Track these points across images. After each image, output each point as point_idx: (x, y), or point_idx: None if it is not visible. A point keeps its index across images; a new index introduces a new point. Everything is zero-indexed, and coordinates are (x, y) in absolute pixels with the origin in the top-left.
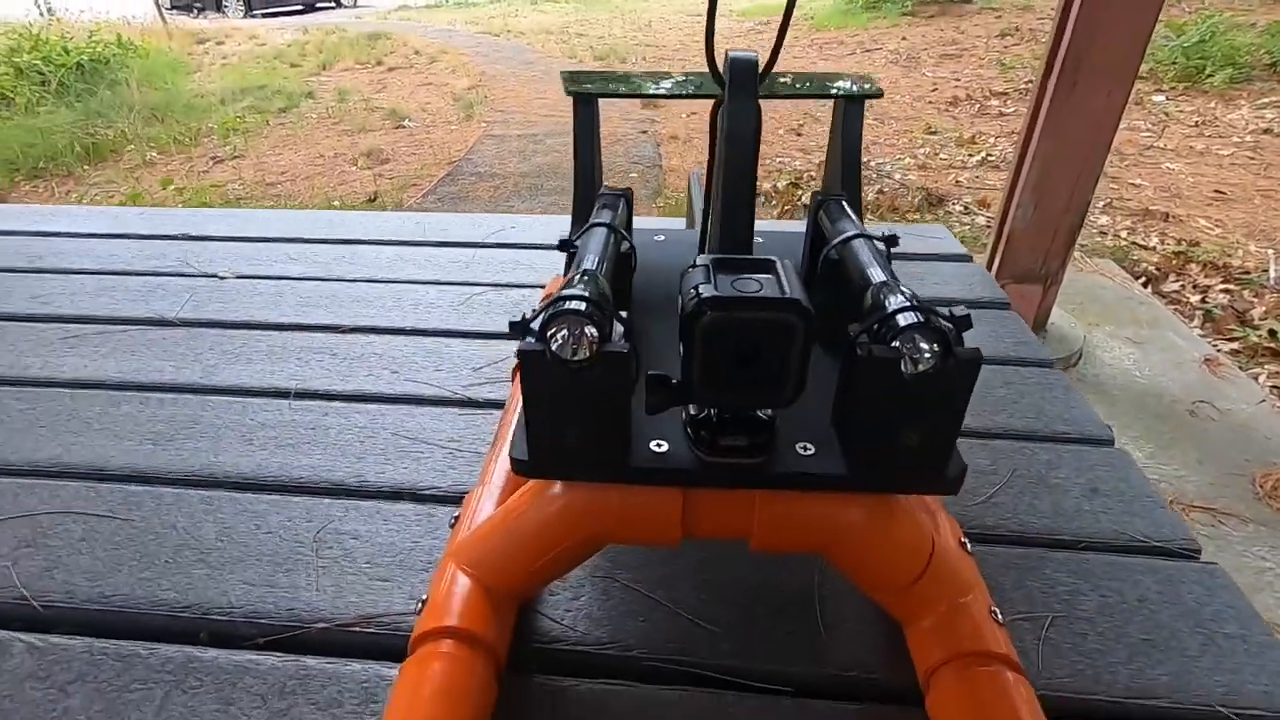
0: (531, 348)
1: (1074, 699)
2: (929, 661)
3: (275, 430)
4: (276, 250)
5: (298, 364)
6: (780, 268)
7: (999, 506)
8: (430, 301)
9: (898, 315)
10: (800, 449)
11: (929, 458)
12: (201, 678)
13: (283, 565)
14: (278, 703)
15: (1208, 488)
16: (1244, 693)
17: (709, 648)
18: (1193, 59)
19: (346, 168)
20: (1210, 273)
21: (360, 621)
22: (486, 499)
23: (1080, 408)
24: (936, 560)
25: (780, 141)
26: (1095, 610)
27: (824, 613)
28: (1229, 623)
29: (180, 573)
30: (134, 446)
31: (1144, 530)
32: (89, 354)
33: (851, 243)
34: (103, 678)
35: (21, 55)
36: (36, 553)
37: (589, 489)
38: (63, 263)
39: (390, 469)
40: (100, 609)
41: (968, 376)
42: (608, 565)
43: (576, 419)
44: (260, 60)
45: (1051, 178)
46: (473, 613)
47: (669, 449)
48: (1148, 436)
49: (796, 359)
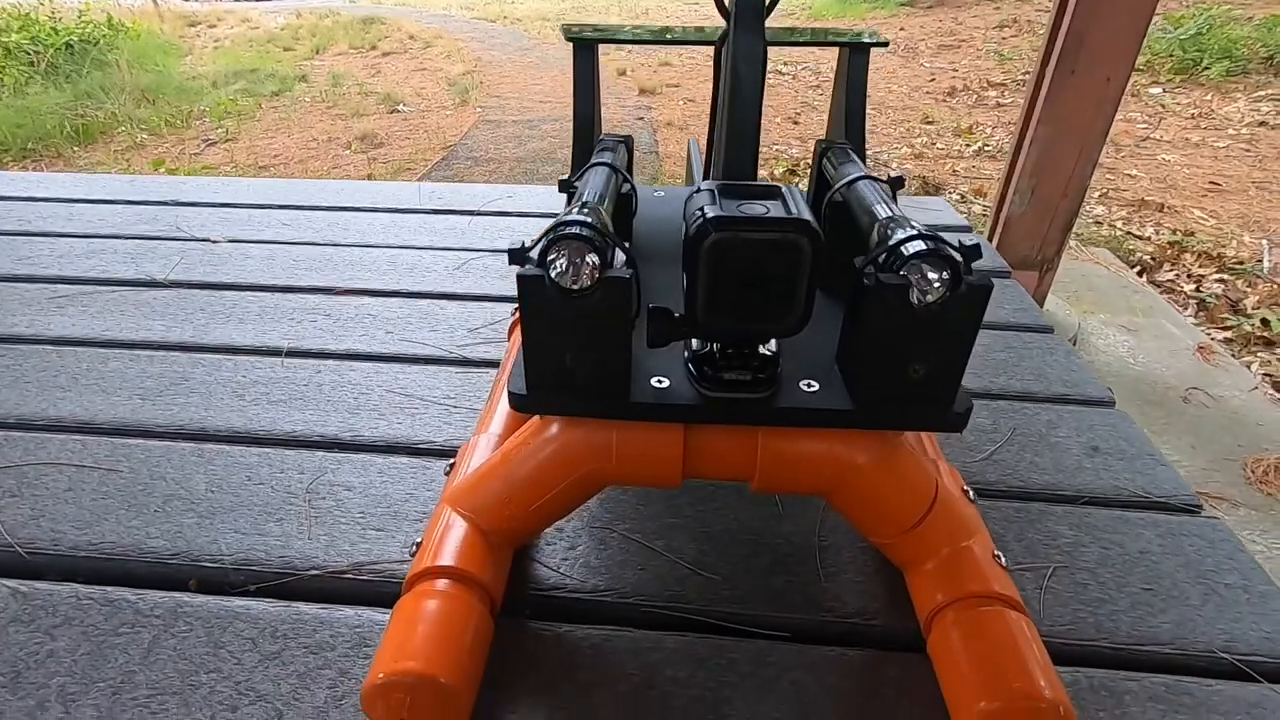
0: (531, 273)
1: (1076, 645)
2: (931, 604)
3: (267, 387)
4: (269, 216)
5: (290, 324)
6: (787, 193)
7: (1000, 463)
8: (425, 266)
9: (905, 244)
10: (804, 385)
11: (936, 392)
12: (191, 622)
13: (274, 515)
14: (269, 645)
15: (1200, 473)
16: (1245, 639)
17: (708, 595)
18: (1189, 52)
19: (340, 152)
20: (1204, 262)
21: (353, 569)
22: (483, 445)
23: (1080, 371)
24: (939, 504)
25: (778, 129)
26: (1096, 562)
27: (823, 563)
28: (1230, 574)
29: (169, 521)
30: (122, 401)
31: (1145, 486)
32: (76, 314)
33: (857, 184)
34: (89, 622)
35: (10, 35)
36: (22, 502)
37: (588, 427)
38: (50, 227)
39: (384, 424)
40: (87, 555)
41: (978, 305)
42: (606, 516)
43: (576, 350)
44: (253, 43)
45: (1049, 163)
46: (468, 554)
47: (670, 385)
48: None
49: (804, 284)
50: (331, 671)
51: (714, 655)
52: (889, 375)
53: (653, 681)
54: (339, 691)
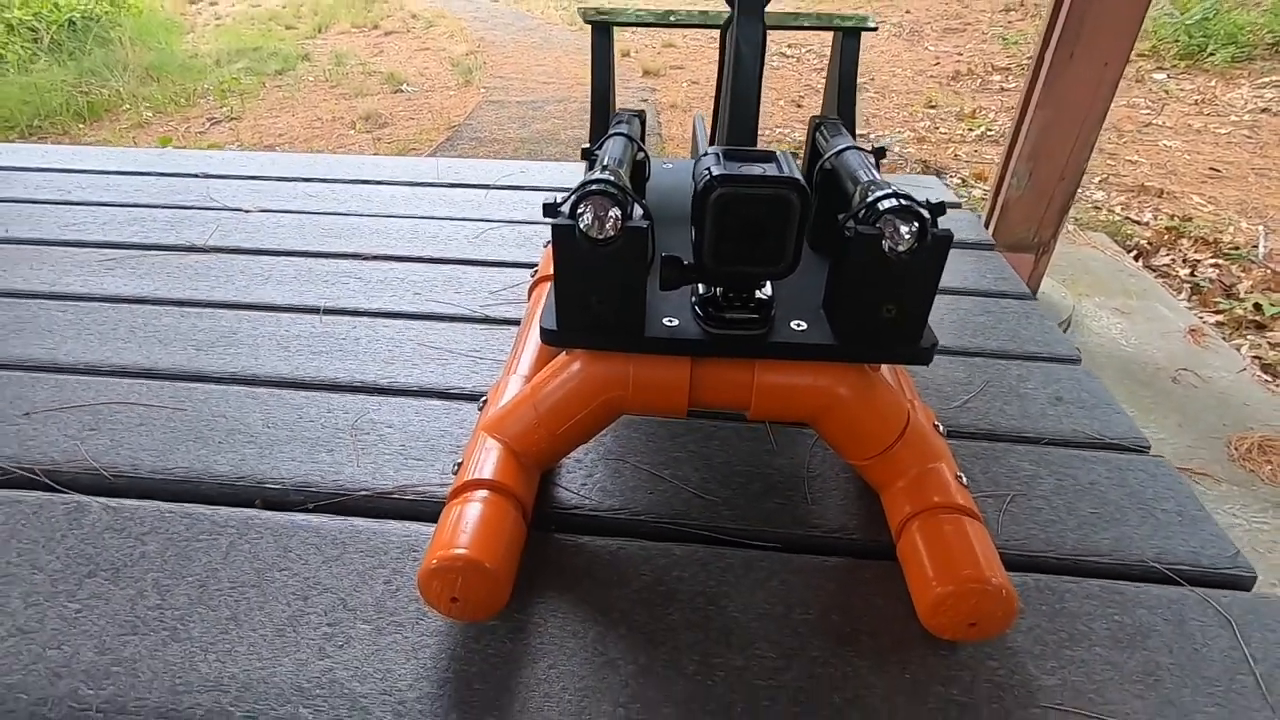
0: (563, 223)
1: (1026, 556)
2: (900, 515)
3: (309, 340)
4: (295, 189)
5: (325, 285)
6: (781, 156)
7: (972, 410)
8: (447, 235)
9: (880, 201)
10: (794, 325)
11: (906, 329)
12: (261, 531)
13: (325, 446)
14: (330, 550)
15: (1185, 450)
16: (1175, 553)
17: (709, 514)
18: (1195, 37)
19: (345, 131)
20: (1201, 248)
21: (399, 490)
22: (513, 383)
23: (1053, 333)
24: (910, 430)
25: (781, 113)
26: (1051, 491)
27: (811, 489)
28: (1168, 501)
29: (233, 451)
30: (179, 350)
31: (1100, 430)
32: (125, 275)
33: (845, 154)
34: (173, 530)
35: (12, 10)
36: (100, 435)
37: (608, 360)
38: (90, 196)
39: (418, 372)
40: (164, 479)
41: (940, 253)
42: (619, 449)
43: (601, 289)
44: (255, 21)
45: (1047, 146)
46: (504, 470)
47: (680, 324)
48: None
49: (794, 233)
50: (386, 570)
51: (714, 560)
52: (866, 315)
53: (662, 580)
54: (394, 585)
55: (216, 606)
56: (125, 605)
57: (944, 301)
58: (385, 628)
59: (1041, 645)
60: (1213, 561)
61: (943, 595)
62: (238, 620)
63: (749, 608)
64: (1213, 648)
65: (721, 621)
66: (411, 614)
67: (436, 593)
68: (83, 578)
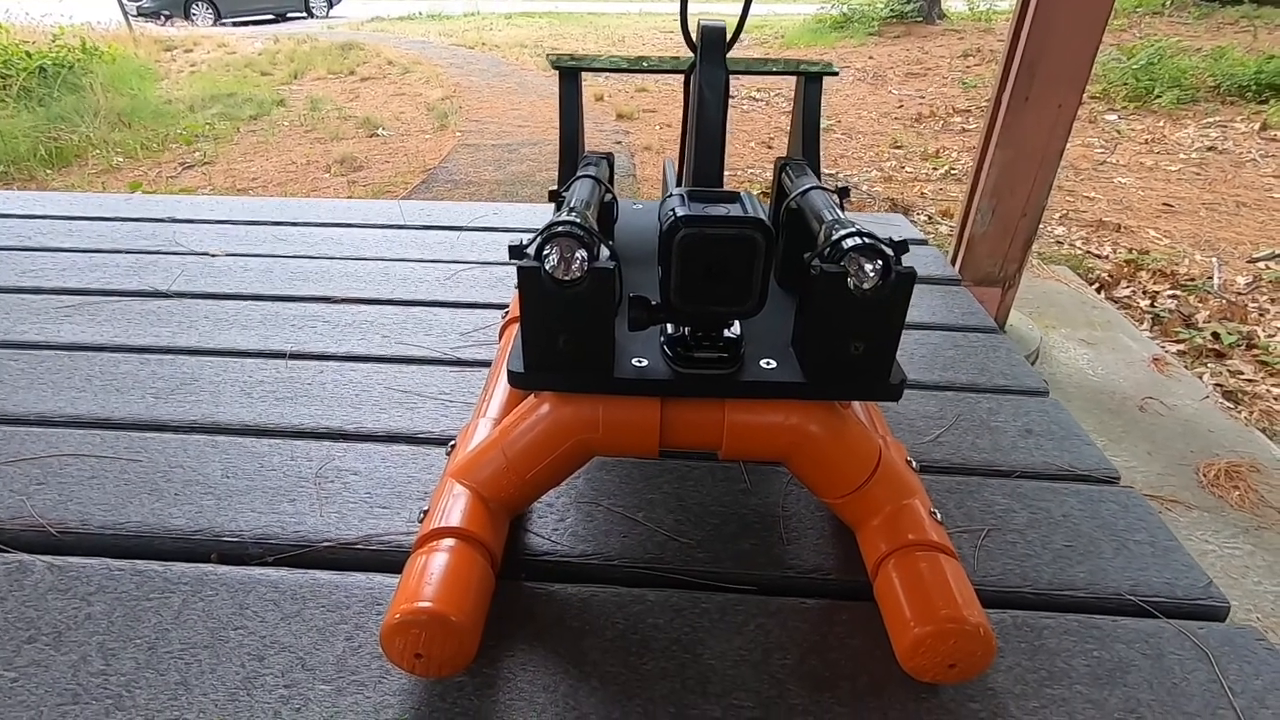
0: (529, 265)
1: (1002, 591)
2: (876, 554)
3: (273, 386)
4: (264, 232)
5: (292, 329)
6: (745, 196)
7: (944, 445)
8: (418, 277)
9: (845, 240)
10: (764, 364)
11: (874, 366)
12: (216, 588)
13: (287, 496)
14: (290, 606)
15: (1155, 477)
16: (1149, 584)
17: (683, 557)
18: (1142, 80)
19: (319, 175)
20: (1159, 279)
21: (363, 540)
22: (482, 427)
23: (1020, 365)
24: (883, 467)
25: (752, 154)
26: (1025, 524)
27: (786, 529)
28: (1140, 532)
29: (190, 503)
30: (136, 399)
31: (1071, 462)
32: (84, 322)
33: (810, 193)
34: (121, 590)
35: None
36: (49, 489)
37: (577, 402)
38: (51, 242)
39: (385, 417)
40: (114, 534)
41: (905, 290)
42: (592, 493)
43: (568, 333)
44: (230, 68)
45: (1008, 183)
46: (472, 517)
47: (649, 364)
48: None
49: (759, 272)
50: (348, 626)
51: (689, 606)
52: (834, 352)
53: (635, 628)
54: (355, 642)
55: (165, 671)
56: (66, 672)
57: (913, 337)
58: (346, 687)
59: (1022, 684)
60: (1186, 592)
61: (921, 636)
62: (188, 685)
63: (726, 654)
64: (1191, 682)
65: (697, 669)
66: (374, 672)
67: (400, 650)
68: (21, 644)
